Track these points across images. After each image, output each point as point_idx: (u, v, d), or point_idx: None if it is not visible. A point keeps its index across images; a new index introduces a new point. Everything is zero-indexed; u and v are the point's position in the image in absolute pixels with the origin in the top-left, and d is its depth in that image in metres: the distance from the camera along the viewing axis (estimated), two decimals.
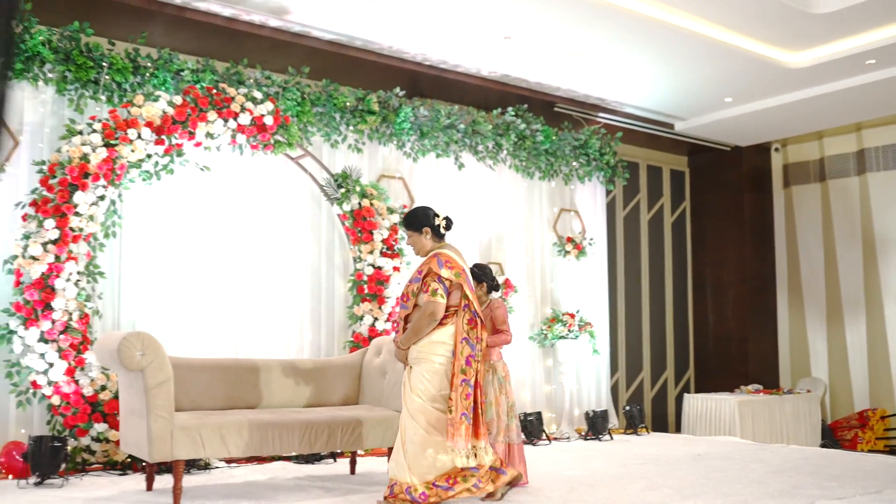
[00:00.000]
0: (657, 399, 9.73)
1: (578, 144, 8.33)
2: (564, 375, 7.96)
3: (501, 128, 7.75)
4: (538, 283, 8.13)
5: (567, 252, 8.24)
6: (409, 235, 4.56)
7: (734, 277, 9.85)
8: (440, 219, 4.54)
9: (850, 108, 8.39)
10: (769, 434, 8.18)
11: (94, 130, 5.50)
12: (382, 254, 6.63)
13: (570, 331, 7.88)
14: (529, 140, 7.92)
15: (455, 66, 7.30)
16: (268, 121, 6.07)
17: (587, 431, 7.63)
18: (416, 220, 4.53)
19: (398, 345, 4.40)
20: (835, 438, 8.96)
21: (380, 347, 5.51)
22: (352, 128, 6.86)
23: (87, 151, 5.43)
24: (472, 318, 4.36)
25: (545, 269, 8.22)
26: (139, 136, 5.59)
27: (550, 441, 7.30)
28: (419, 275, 4.38)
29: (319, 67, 6.78)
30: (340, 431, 4.73)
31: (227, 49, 6.44)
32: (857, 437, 8.83)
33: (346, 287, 6.76)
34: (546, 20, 6.31)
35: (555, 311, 8.08)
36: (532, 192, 8.19)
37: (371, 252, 6.61)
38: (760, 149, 10.09)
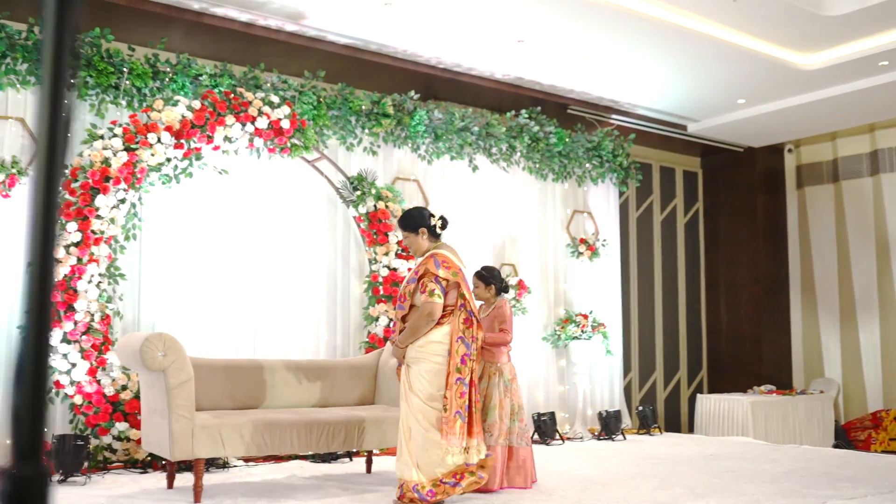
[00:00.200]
0: (670, 399, 9.76)
1: (592, 146, 8.38)
2: (578, 376, 8.02)
3: (515, 130, 7.82)
4: (551, 285, 8.19)
5: (580, 253, 8.29)
6: (406, 236, 4.61)
7: (747, 278, 9.86)
8: (436, 219, 4.59)
9: (864, 110, 8.40)
10: (782, 435, 8.20)
11: (115, 135, 5.61)
12: (397, 255, 6.71)
13: (584, 331, 7.93)
14: (543, 142, 7.98)
15: (469, 70, 7.37)
16: (284, 124, 6.16)
17: (600, 431, 7.68)
18: (412, 221, 4.57)
19: (396, 343, 4.44)
20: (848, 439, 8.96)
21: None
22: (367, 131, 6.94)
23: (108, 155, 5.54)
24: (469, 318, 4.40)
25: (558, 271, 8.28)
26: (159, 141, 5.70)
27: (564, 441, 7.36)
28: (415, 275, 4.43)
29: (335, 71, 6.87)
30: (357, 431, 4.82)
31: (245, 54, 6.53)
32: (871, 438, 8.84)
33: (362, 288, 6.84)
34: (559, 24, 6.37)
35: (568, 312, 8.13)
36: (545, 194, 8.25)
37: (386, 254, 6.69)
38: (773, 150, 10.10)
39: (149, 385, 4.57)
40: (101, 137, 5.61)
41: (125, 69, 5.83)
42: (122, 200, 5.64)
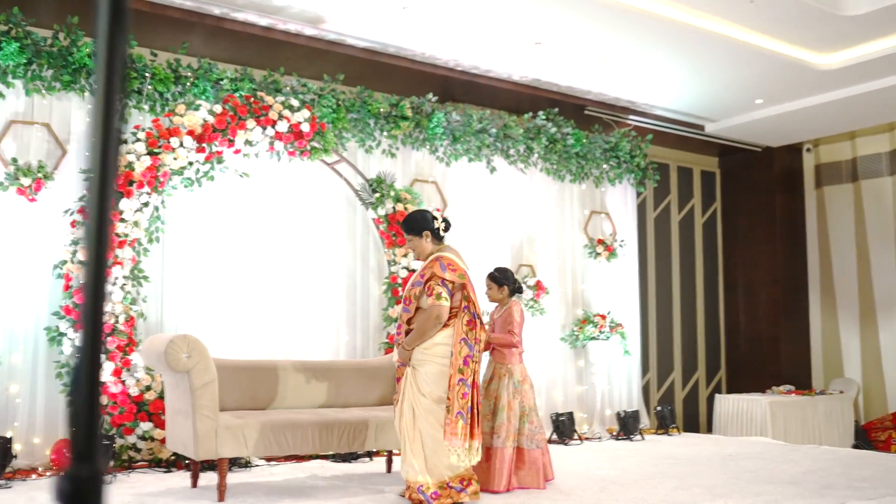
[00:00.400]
0: (688, 399, 9.76)
1: (609, 147, 8.40)
2: (596, 376, 8.04)
3: (532, 131, 7.85)
4: (569, 285, 8.21)
5: (598, 254, 8.31)
6: (410, 239, 4.64)
7: (766, 278, 9.84)
8: (439, 221, 4.63)
9: (883, 109, 8.37)
10: (801, 435, 8.18)
11: (138, 139, 5.69)
12: (416, 257, 6.75)
13: (602, 332, 7.96)
14: (560, 143, 8.01)
15: (487, 72, 7.41)
16: (304, 128, 6.23)
17: (618, 431, 7.70)
18: (416, 225, 4.61)
19: (403, 346, 4.43)
20: (868, 440, 8.92)
21: None
22: (386, 133, 7.00)
23: (132, 160, 5.63)
24: (472, 320, 4.42)
25: (576, 271, 8.30)
26: (181, 145, 5.78)
27: (582, 441, 7.39)
28: (421, 278, 4.45)
29: (354, 74, 6.94)
30: (377, 431, 4.88)
31: (265, 57, 6.60)
32: (891, 439, 8.79)
33: (381, 289, 6.90)
34: (576, 26, 6.40)
35: (586, 313, 8.16)
36: (563, 195, 8.28)
37: (405, 255, 6.74)
38: (792, 149, 10.07)
39: (173, 386, 4.65)
40: (125, 142, 5.69)
41: (147, 74, 5.91)
42: (146, 204, 5.73)
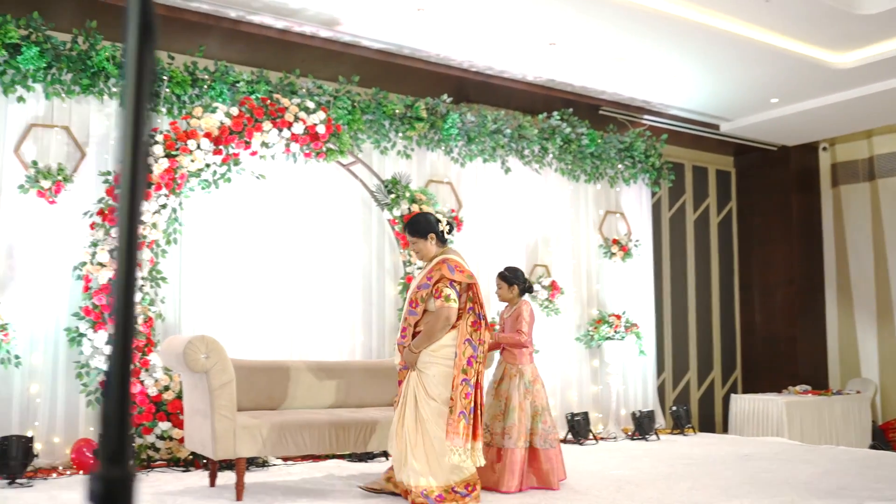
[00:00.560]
0: (704, 399, 9.74)
1: (624, 147, 8.40)
2: (611, 376, 8.04)
3: (547, 132, 7.86)
4: (584, 285, 8.22)
5: (613, 254, 8.31)
6: (414, 242, 4.62)
7: (782, 278, 9.81)
8: (443, 224, 4.63)
9: None
10: (818, 435, 8.15)
11: (156, 142, 5.75)
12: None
13: (617, 332, 7.96)
14: (575, 143, 8.02)
15: (501, 72, 7.43)
16: (320, 129, 6.26)
17: (634, 431, 7.70)
18: (421, 227, 4.60)
19: (411, 348, 4.41)
20: (886, 440, 8.87)
21: None
22: (401, 134, 7.03)
23: (150, 162, 5.69)
24: (477, 321, 4.43)
25: (591, 271, 8.30)
26: (198, 147, 5.83)
27: (597, 441, 7.39)
28: (428, 280, 4.44)
29: (369, 76, 6.97)
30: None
31: (281, 60, 6.65)
32: None
33: (397, 290, 6.93)
34: (590, 26, 6.41)
35: (601, 313, 8.16)
36: (577, 195, 8.28)
37: None
38: (808, 148, 10.03)
39: (192, 386, 4.70)
40: None
41: (165, 77, 5.97)
42: (164, 205, 5.79)
